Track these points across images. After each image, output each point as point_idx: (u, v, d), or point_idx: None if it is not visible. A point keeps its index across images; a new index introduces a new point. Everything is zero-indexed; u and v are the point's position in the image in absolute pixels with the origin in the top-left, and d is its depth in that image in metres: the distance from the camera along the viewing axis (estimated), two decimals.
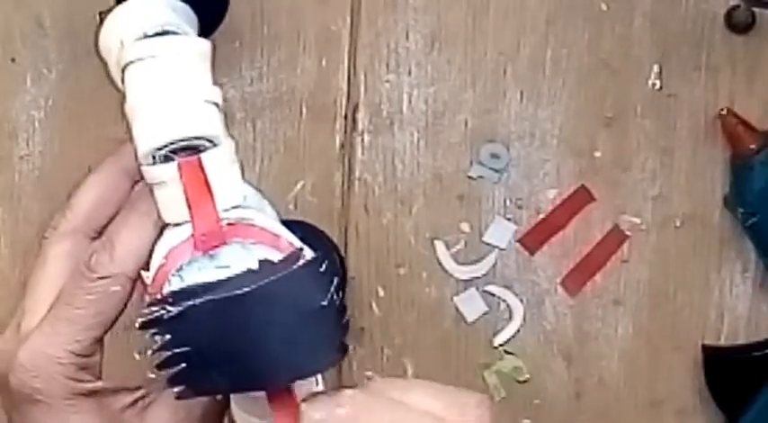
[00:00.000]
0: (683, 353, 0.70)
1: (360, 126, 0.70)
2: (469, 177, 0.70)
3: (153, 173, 0.41)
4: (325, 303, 0.39)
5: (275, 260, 0.39)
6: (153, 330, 0.38)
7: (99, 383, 0.43)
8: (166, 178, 0.41)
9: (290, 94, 0.70)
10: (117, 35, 0.44)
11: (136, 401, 0.44)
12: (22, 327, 0.44)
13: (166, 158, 0.41)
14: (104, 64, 0.46)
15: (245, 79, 0.70)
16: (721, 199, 0.70)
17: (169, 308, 0.38)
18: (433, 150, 0.70)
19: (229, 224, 0.40)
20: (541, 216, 0.70)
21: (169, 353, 0.38)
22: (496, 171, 0.70)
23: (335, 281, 0.39)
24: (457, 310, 0.70)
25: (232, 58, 0.70)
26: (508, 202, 0.70)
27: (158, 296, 0.39)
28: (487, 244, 0.70)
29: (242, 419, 0.43)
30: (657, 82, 0.71)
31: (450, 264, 0.70)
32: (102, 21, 0.45)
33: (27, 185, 0.70)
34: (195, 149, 0.41)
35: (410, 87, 0.71)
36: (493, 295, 0.70)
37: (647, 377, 0.70)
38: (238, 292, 0.38)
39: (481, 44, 0.71)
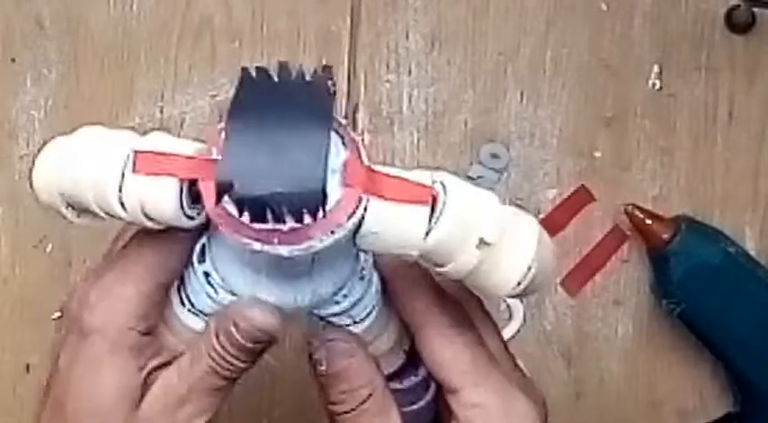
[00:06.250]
0: (682, 353, 0.70)
1: (360, 126, 0.70)
2: (469, 177, 0.70)
3: None
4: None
5: None
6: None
7: (146, 338, 0.44)
8: None
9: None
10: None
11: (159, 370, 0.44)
12: None
13: None
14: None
15: None
16: (721, 199, 0.70)
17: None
18: (433, 150, 0.70)
19: None
20: (541, 216, 0.70)
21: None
22: (496, 171, 0.70)
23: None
24: None
25: (232, 58, 0.70)
26: (508, 202, 0.70)
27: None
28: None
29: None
30: (657, 82, 0.71)
31: None
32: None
33: (27, 185, 0.70)
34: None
35: (410, 87, 0.71)
36: None
37: (647, 377, 0.70)
38: None
39: (481, 44, 0.71)
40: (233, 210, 0.38)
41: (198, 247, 0.43)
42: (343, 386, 0.44)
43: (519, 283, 0.41)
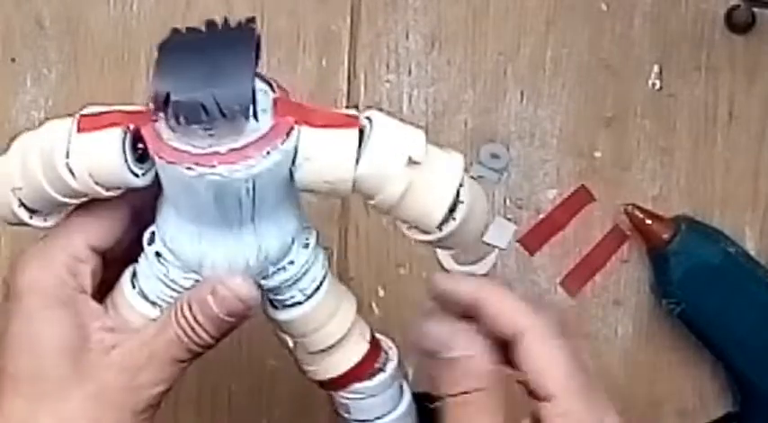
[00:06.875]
0: (682, 353, 0.70)
1: None
2: (470, 177, 0.70)
3: None
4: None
5: None
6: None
7: (81, 295, 0.45)
8: None
9: (290, 95, 0.70)
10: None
11: (103, 332, 0.45)
12: None
13: None
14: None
15: None
16: (721, 199, 0.70)
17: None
18: None
19: None
20: (541, 216, 0.70)
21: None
22: (496, 171, 0.70)
23: None
24: None
25: None
26: (508, 202, 0.70)
27: None
28: (487, 244, 0.70)
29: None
30: (657, 82, 0.71)
31: (450, 264, 0.70)
32: None
33: None
34: None
35: (410, 87, 0.71)
36: None
37: (647, 377, 0.70)
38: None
39: (481, 44, 0.71)
40: (171, 124, 0.40)
41: (147, 234, 0.45)
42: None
43: (452, 214, 0.44)
